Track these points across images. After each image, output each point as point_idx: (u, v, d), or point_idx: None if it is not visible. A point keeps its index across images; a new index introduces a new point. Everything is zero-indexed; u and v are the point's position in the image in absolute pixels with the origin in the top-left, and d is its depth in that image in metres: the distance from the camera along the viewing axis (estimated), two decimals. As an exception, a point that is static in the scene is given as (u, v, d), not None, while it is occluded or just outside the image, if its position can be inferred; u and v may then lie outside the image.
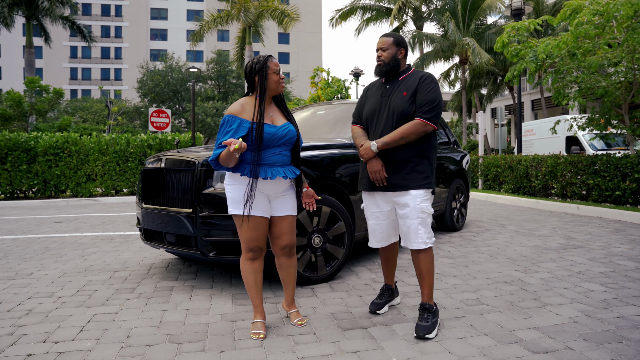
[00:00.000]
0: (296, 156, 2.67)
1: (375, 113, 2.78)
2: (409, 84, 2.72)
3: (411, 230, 2.63)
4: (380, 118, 2.74)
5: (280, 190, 2.64)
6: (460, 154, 6.56)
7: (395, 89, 2.75)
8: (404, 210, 2.66)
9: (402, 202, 2.66)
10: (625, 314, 2.82)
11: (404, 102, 2.68)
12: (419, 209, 2.62)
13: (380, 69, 2.79)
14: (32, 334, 2.62)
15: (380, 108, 2.76)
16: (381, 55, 2.78)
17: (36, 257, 4.75)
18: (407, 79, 2.77)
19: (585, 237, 5.48)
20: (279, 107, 2.71)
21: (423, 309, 2.62)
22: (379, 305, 2.90)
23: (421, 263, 2.66)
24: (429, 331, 2.49)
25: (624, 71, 7.90)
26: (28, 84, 16.23)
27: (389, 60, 2.77)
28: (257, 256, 2.59)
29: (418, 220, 2.62)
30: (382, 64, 2.77)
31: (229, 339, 2.53)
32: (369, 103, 2.85)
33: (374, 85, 2.97)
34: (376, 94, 2.85)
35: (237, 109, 2.53)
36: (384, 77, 2.83)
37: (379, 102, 2.79)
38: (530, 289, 3.39)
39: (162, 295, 3.37)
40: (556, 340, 2.43)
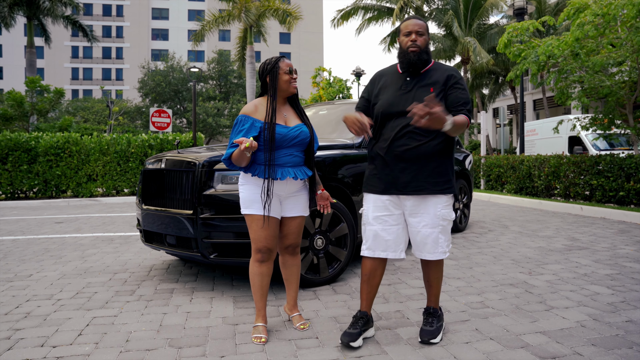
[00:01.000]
0: (310, 157, 2.63)
1: (392, 107, 2.43)
2: (434, 79, 2.44)
3: (430, 239, 2.40)
4: (399, 116, 2.40)
5: (292, 191, 2.61)
6: (463, 154, 6.51)
7: (419, 84, 2.44)
8: (422, 218, 2.41)
9: (418, 210, 2.42)
10: (634, 317, 2.77)
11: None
12: (440, 216, 2.40)
13: (418, 56, 2.42)
14: (29, 338, 2.58)
15: (401, 103, 2.41)
16: (417, 39, 2.42)
17: (36, 259, 4.71)
18: (430, 73, 2.47)
19: (589, 238, 5.42)
20: (294, 108, 2.68)
21: (428, 313, 2.55)
22: (354, 336, 2.39)
23: (432, 272, 2.53)
24: (433, 336, 2.44)
25: (628, 71, 7.84)
26: (29, 83, 16.21)
27: (425, 47, 2.45)
28: (266, 258, 2.55)
29: (439, 229, 2.41)
30: (419, 50, 2.42)
31: (230, 343, 2.48)
32: (385, 96, 2.48)
33: (386, 74, 2.59)
34: (393, 87, 2.49)
35: (251, 109, 2.54)
36: (415, 64, 2.44)
37: (398, 97, 2.44)
38: (535, 292, 3.34)
39: (162, 298, 3.33)
40: (564, 345, 2.38)
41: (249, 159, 2.45)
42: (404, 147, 2.38)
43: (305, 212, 2.68)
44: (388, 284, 3.62)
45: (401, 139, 2.39)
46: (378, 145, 2.49)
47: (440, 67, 2.51)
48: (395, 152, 2.40)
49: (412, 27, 2.45)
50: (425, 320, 2.53)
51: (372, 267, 2.50)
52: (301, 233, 2.71)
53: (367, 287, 2.52)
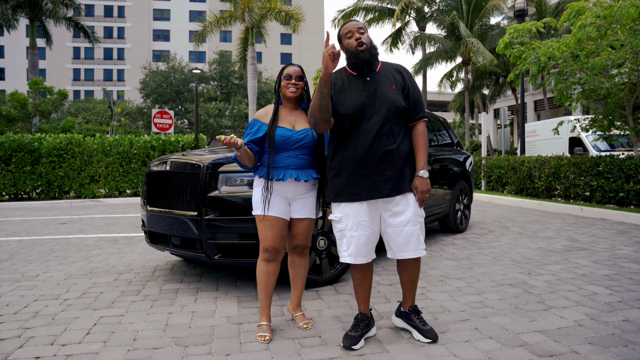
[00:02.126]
0: (320, 161, 2.70)
1: (364, 108, 2.42)
2: (390, 77, 2.50)
3: (414, 237, 2.44)
4: (373, 113, 2.41)
5: (300, 193, 2.67)
6: (464, 156, 6.56)
7: (378, 82, 2.47)
8: (403, 217, 2.43)
9: (399, 208, 2.44)
10: (631, 317, 2.82)
11: (397, 95, 2.45)
12: (419, 213, 2.47)
13: (369, 52, 2.44)
14: (39, 337, 2.64)
15: (370, 102, 2.42)
16: (360, 38, 2.44)
17: (41, 259, 4.77)
18: (383, 70, 2.52)
19: (589, 239, 5.47)
20: (307, 113, 2.75)
21: (416, 312, 2.61)
22: (355, 339, 2.44)
23: (415, 269, 2.57)
24: (436, 333, 2.51)
25: (627, 72, 7.89)
26: (32, 85, 16.30)
27: (371, 44, 2.48)
28: (272, 258, 2.62)
29: (418, 226, 2.47)
30: (367, 47, 2.44)
31: (234, 342, 2.54)
32: (351, 97, 2.44)
33: (337, 78, 2.54)
34: (356, 87, 2.47)
35: (261, 114, 2.70)
36: (369, 62, 2.46)
37: (364, 96, 2.43)
38: (534, 292, 3.39)
39: (168, 298, 3.39)
40: (561, 344, 2.44)
41: (253, 158, 2.59)
42: (386, 148, 2.40)
43: (313, 215, 2.74)
44: (389, 284, 3.67)
45: (381, 140, 2.40)
46: (351, 149, 2.43)
47: (387, 65, 2.58)
48: (377, 154, 2.39)
49: (352, 28, 2.48)
50: (418, 320, 2.57)
51: (362, 271, 2.54)
52: (309, 235, 2.78)
53: (361, 290, 2.58)
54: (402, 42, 24.02)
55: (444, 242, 5.45)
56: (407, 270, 2.57)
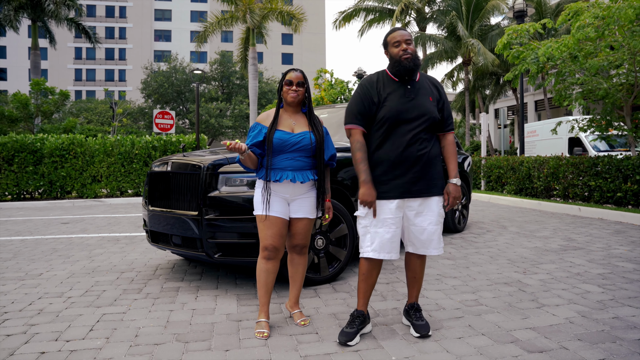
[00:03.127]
0: (318, 163, 2.77)
1: (401, 115, 2.53)
2: (427, 88, 2.64)
3: (436, 235, 2.60)
4: (408, 121, 2.53)
5: (298, 194, 2.75)
6: (462, 156, 6.62)
7: (418, 92, 2.60)
8: (427, 217, 2.58)
9: (423, 209, 2.58)
10: (621, 314, 2.89)
11: (432, 107, 2.59)
12: (441, 213, 2.63)
13: (414, 62, 2.55)
14: (44, 333, 2.71)
15: (408, 111, 2.53)
16: (407, 48, 2.57)
17: (44, 258, 4.85)
18: (422, 82, 2.66)
19: (585, 239, 5.53)
20: (307, 116, 2.84)
21: (415, 309, 2.72)
22: (350, 335, 2.53)
23: (419, 268, 2.71)
24: (429, 329, 2.60)
25: (625, 73, 7.94)
26: (34, 85, 16.40)
27: (416, 54, 2.59)
28: (272, 256, 2.70)
29: (439, 226, 2.62)
30: (412, 57, 2.56)
31: (234, 338, 2.61)
32: (391, 103, 2.55)
33: (378, 80, 2.64)
34: (395, 94, 2.57)
35: (263, 117, 2.80)
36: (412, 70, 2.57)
37: (404, 104, 2.55)
38: (528, 290, 3.46)
39: (169, 296, 3.46)
40: (551, 340, 2.50)
41: (256, 161, 2.70)
42: (418, 152, 2.54)
43: (311, 215, 2.81)
44: (386, 283, 3.74)
45: (414, 144, 2.54)
46: (386, 150, 2.55)
47: (426, 77, 2.73)
48: (410, 157, 2.53)
49: (401, 38, 2.59)
50: (415, 316, 2.68)
51: (370, 267, 2.60)
52: (308, 234, 2.85)
53: (364, 285, 2.63)
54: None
55: (441, 242, 5.51)
56: (412, 266, 2.72)
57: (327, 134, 2.88)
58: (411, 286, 2.75)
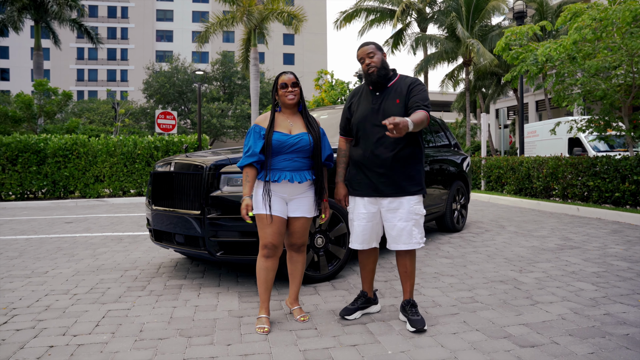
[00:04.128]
0: (316, 163, 2.85)
1: (367, 119, 2.79)
2: (398, 91, 2.78)
3: (405, 232, 2.73)
4: (376, 126, 2.75)
5: (297, 193, 2.84)
6: (461, 157, 6.70)
7: (387, 97, 2.79)
8: (397, 214, 2.74)
9: (394, 206, 2.75)
10: (612, 311, 2.96)
11: (398, 109, 2.73)
12: (413, 211, 2.74)
13: (377, 73, 2.77)
14: (52, 328, 2.80)
15: (373, 115, 2.78)
16: (370, 62, 2.79)
17: (50, 257, 4.94)
18: (395, 86, 2.82)
19: (582, 238, 5.60)
20: (304, 118, 2.92)
21: (411, 305, 2.80)
22: (350, 310, 2.89)
23: (408, 262, 2.82)
24: (424, 324, 2.68)
25: (623, 74, 8.00)
26: (37, 86, 16.51)
27: (381, 64, 2.79)
28: (271, 254, 2.78)
29: (412, 222, 2.73)
30: (376, 69, 2.77)
31: (235, 333, 2.70)
32: (359, 111, 2.86)
33: (358, 92, 2.98)
34: (365, 102, 2.86)
35: (261, 119, 2.89)
36: (378, 82, 2.80)
37: (370, 111, 2.80)
38: (523, 288, 3.53)
39: (172, 293, 3.55)
40: (543, 336, 2.58)
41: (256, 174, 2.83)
42: (385, 155, 2.73)
43: (309, 214, 2.89)
44: (384, 281, 3.82)
45: (381, 147, 2.75)
46: (357, 152, 2.85)
47: (403, 80, 2.85)
48: (377, 159, 2.75)
49: (363, 54, 2.83)
50: (410, 312, 2.77)
51: (365, 257, 2.94)
52: (306, 233, 2.93)
53: (363, 272, 2.98)
54: (404, 43, 24.14)
55: (440, 241, 5.60)
56: (400, 261, 2.84)
57: (324, 134, 2.96)
58: (404, 282, 2.85)
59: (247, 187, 2.76)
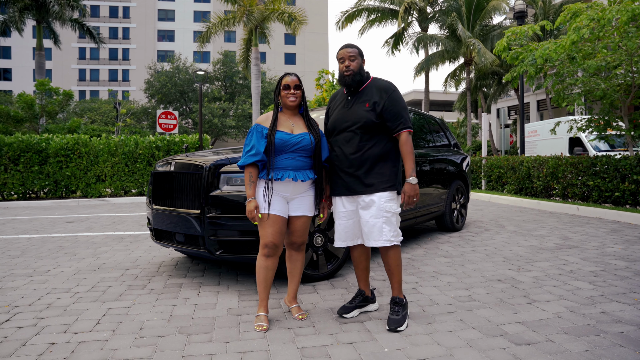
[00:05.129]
0: (316, 163, 2.89)
1: (339, 124, 2.91)
2: (369, 95, 2.86)
3: (375, 228, 2.77)
4: (345, 129, 2.88)
5: (298, 193, 2.87)
6: (461, 157, 6.72)
7: (357, 100, 2.89)
8: (368, 211, 2.80)
9: (365, 203, 2.80)
10: (608, 309, 2.99)
11: (367, 113, 2.82)
12: (383, 208, 2.77)
13: (352, 78, 2.86)
14: (53, 326, 2.84)
15: (344, 118, 2.89)
16: (350, 65, 2.86)
17: (51, 256, 4.98)
18: (366, 90, 2.90)
19: (581, 238, 5.62)
20: (304, 118, 2.96)
21: (394, 302, 2.82)
22: (347, 309, 2.95)
23: (390, 259, 2.84)
24: (399, 324, 2.69)
25: (623, 74, 8.01)
26: (38, 86, 16.57)
27: (358, 70, 2.87)
28: (272, 253, 2.81)
29: (382, 220, 2.76)
30: (352, 73, 2.86)
31: (234, 331, 2.73)
32: (334, 115, 2.99)
33: (336, 97, 3.09)
34: (339, 106, 2.99)
35: (263, 119, 2.92)
36: (351, 85, 2.89)
37: (341, 113, 2.93)
38: (521, 287, 3.56)
39: (172, 292, 3.58)
40: (539, 333, 2.61)
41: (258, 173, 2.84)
42: (354, 155, 2.84)
43: (310, 213, 2.93)
44: (383, 279, 3.85)
45: (350, 148, 2.86)
46: (333, 154, 2.96)
47: (376, 83, 2.92)
48: (347, 159, 2.85)
49: (344, 55, 2.88)
50: (392, 310, 2.80)
51: (356, 255, 3.02)
52: (306, 232, 2.97)
53: (357, 270, 3.06)
54: (405, 43, 24.15)
55: (439, 240, 5.62)
56: (383, 259, 2.89)
57: (323, 135, 2.99)
58: (390, 278, 2.89)
59: (251, 188, 2.78)
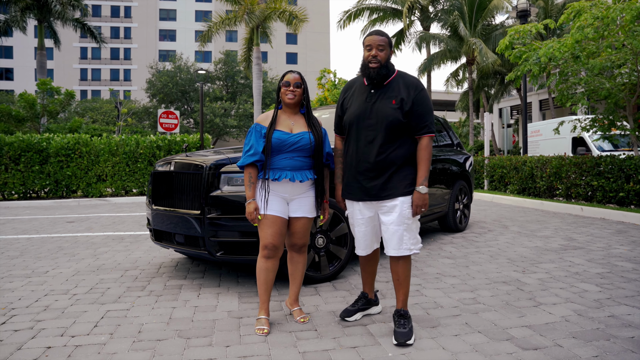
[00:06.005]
0: (317, 163, 2.82)
1: (360, 120, 2.62)
2: (396, 90, 2.59)
3: (395, 237, 2.56)
4: (367, 126, 2.60)
5: (297, 193, 2.81)
6: (464, 156, 6.65)
7: (382, 95, 2.60)
8: (388, 217, 2.58)
9: (387, 208, 2.59)
10: (617, 313, 2.92)
11: (393, 111, 2.54)
12: (405, 215, 2.55)
13: (377, 71, 2.56)
14: (50, 329, 2.78)
15: (366, 114, 2.61)
16: (377, 55, 2.55)
17: (50, 256, 4.93)
18: (392, 84, 2.62)
19: (586, 239, 5.55)
20: (306, 117, 2.88)
21: (399, 315, 2.61)
22: (350, 312, 2.83)
23: (400, 269, 2.62)
24: (408, 337, 2.49)
25: (627, 73, 7.94)
26: (40, 85, 16.54)
27: (385, 62, 2.58)
28: (272, 255, 2.75)
29: (403, 227, 2.56)
30: (379, 66, 2.56)
31: (234, 335, 2.67)
32: (352, 108, 2.69)
33: (353, 86, 2.78)
34: (359, 98, 2.68)
35: (262, 118, 2.85)
36: (374, 80, 2.60)
37: (363, 108, 2.62)
38: (526, 289, 3.49)
39: (172, 293, 3.52)
40: (546, 338, 2.54)
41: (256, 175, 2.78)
42: (376, 157, 2.57)
43: (310, 214, 2.86)
44: (386, 281, 3.79)
45: (372, 149, 2.58)
46: (350, 154, 2.70)
47: (403, 78, 2.64)
48: (367, 161, 2.59)
49: (373, 43, 2.57)
50: (397, 323, 2.58)
51: (365, 260, 2.87)
52: (307, 233, 2.90)
53: (364, 273, 2.92)
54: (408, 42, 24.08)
55: (442, 241, 5.56)
56: (392, 268, 2.67)
57: (326, 134, 2.93)
58: (396, 290, 2.66)
59: (251, 189, 2.72)
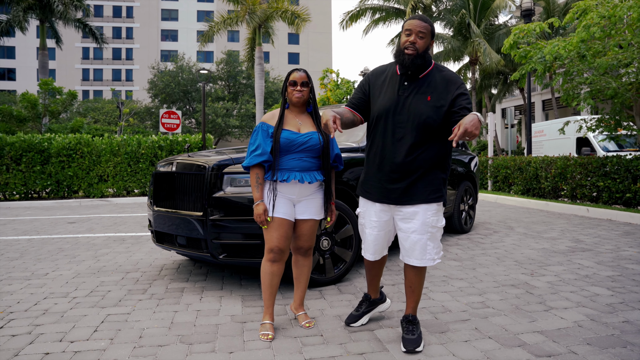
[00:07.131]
0: (324, 163, 2.74)
1: (390, 113, 2.37)
2: (432, 86, 2.34)
3: (418, 246, 2.37)
4: (397, 123, 2.36)
5: (305, 195, 2.73)
6: (469, 157, 6.57)
7: (416, 90, 2.35)
8: (409, 224, 2.39)
9: (408, 215, 2.40)
10: (631, 318, 2.84)
11: (428, 109, 2.30)
12: (429, 223, 2.36)
13: (412, 60, 2.29)
14: (48, 334, 2.71)
15: (397, 109, 2.35)
16: (416, 42, 2.29)
17: (51, 258, 4.87)
18: (428, 78, 2.36)
19: (594, 240, 5.47)
20: (312, 117, 2.81)
21: (408, 321, 2.49)
22: (355, 317, 2.72)
23: (415, 277, 2.48)
24: (417, 344, 2.39)
25: (635, 72, 7.84)
26: (42, 85, 16.50)
27: (423, 52, 2.31)
28: (277, 258, 2.67)
29: (427, 236, 2.37)
30: (416, 54, 2.29)
31: (238, 340, 2.59)
32: (383, 99, 2.41)
33: (384, 73, 2.50)
34: (391, 88, 2.41)
35: (268, 117, 2.77)
36: (408, 68, 2.33)
37: (395, 101, 2.36)
38: (536, 293, 3.41)
39: (173, 297, 3.45)
40: (560, 344, 2.46)
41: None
42: (404, 159, 2.34)
43: (317, 216, 2.78)
44: (392, 284, 3.71)
45: (400, 148, 2.35)
46: (373, 150, 2.48)
47: (440, 71, 2.40)
48: (393, 162, 2.37)
49: (413, 26, 2.30)
50: (406, 329, 2.47)
51: (368, 263, 2.71)
52: (313, 236, 2.82)
53: (369, 276, 2.78)
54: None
55: (448, 243, 5.48)
56: (407, 275, 2.53)
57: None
58: (408, 296, 2.55)
59: (259, 190, 2.62)
